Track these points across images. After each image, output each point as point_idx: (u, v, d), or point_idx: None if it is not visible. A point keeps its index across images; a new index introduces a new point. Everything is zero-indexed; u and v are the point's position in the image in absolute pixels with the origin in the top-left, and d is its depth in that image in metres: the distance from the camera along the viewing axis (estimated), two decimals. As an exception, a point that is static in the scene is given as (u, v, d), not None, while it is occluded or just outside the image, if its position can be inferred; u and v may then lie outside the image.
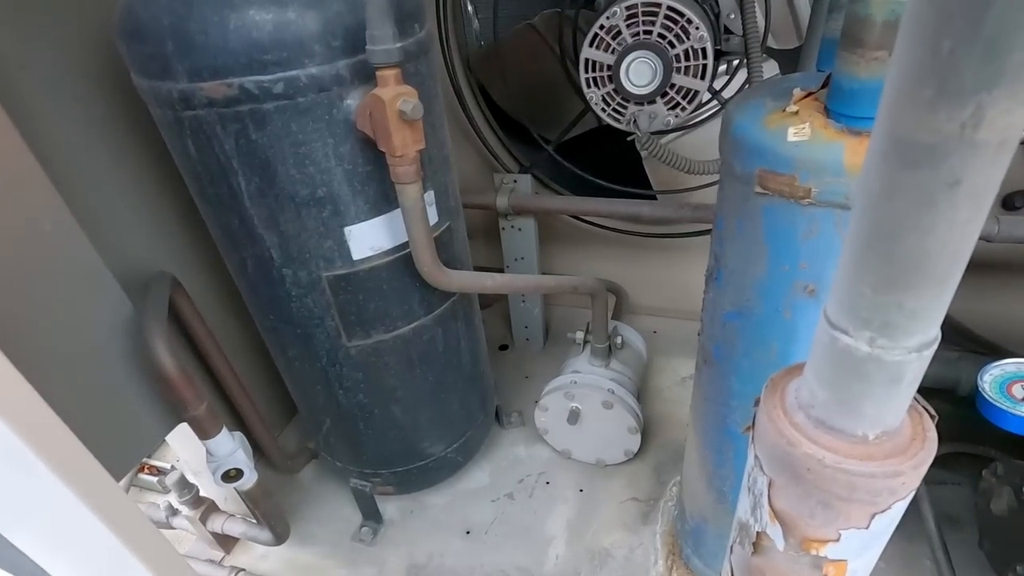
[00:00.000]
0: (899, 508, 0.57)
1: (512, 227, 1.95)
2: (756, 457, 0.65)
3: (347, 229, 1.09)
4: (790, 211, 0.74)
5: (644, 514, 1.59)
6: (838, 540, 0.60)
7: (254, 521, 1.49)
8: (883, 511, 0.56)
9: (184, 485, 1.47)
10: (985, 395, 1.13)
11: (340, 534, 1.64)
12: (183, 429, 1.23)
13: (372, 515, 1.61)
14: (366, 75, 0.95)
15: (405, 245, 1.14)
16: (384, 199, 1.09)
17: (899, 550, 1.34)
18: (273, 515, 1.42)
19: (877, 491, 0.54)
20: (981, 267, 1.68)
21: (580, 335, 1.73)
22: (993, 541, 1.12)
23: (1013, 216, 1.21)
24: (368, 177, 1.06)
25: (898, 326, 0.46)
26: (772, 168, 0.73)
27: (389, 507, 1.68)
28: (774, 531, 0.64)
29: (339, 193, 1.05)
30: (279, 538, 1.45)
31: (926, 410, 0.59)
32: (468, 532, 1.60)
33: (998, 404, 1.10)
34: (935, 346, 0.48)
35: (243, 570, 1.53)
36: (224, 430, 1.21)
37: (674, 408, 1.87)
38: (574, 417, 1.60)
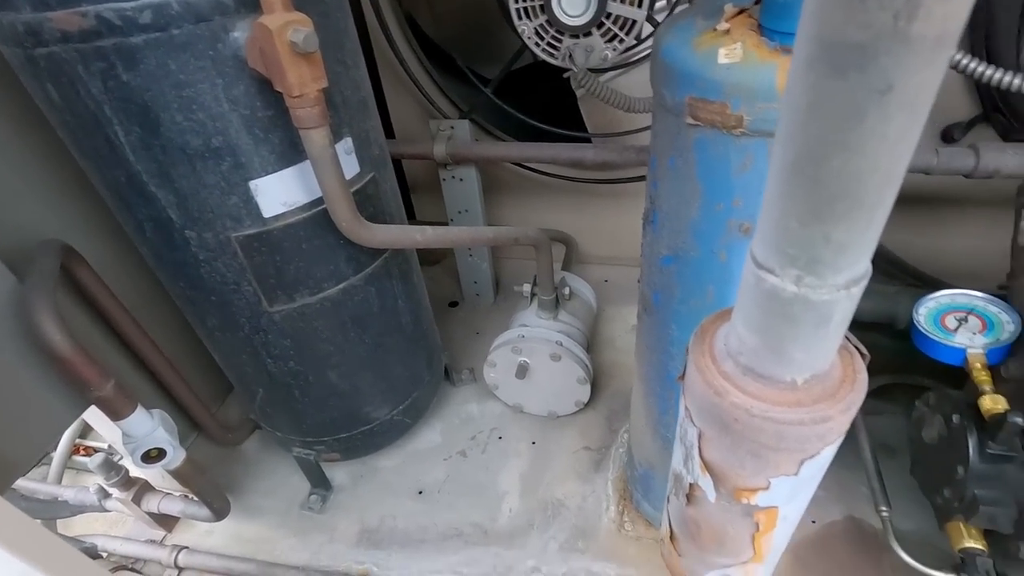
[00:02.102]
0: (828, 453, 0.55)
1: (453, 178, 1.85)
2: (686, 408, 0.61)
3: (253, 183, 0.98)
4: (722, 143, 0.68)
5: (596, 462, 1.59)
6: (768, 488, 0.57)
7: (193, 498, 1.42)
8: (812, 457, 0.53)
9: (111, 467, 1.38)
10: (920, 327, 1.13)
11: (289, 504, 1.59)
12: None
13: (320, 483, 1.56)
14: (254, 2, 0.83)
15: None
16: (292, 148, 0.98)
17: (837, 478, 1.37)
18: (209, 491, 1.35)
19: (805, 438, 0.51)
20: (920, 201, 1.70)
21: (527, 288, 1.68)
22: (923, 467, 1.16)
23: (951, 148, 1.19)
24: (271, 123, 0.94)
25: (825, 261, 0.41)
26: (702, 95, 0.66)
27: (338, 473, 1.64)
28: (705, 482, 0.61)
29: (238, 142, 0.93)
30: (218, 514, 1.39)
31: (857, 349, 0.56)
32: (420, 492, 1.57)
33: (931, 335, 1.11)
34: (865, 282, 0.44)
35: (186, 548, 1.47)
36: (139, 409, 1.11)
37: (625, 356, 1.87)
38: (522, 371, 1.56)
